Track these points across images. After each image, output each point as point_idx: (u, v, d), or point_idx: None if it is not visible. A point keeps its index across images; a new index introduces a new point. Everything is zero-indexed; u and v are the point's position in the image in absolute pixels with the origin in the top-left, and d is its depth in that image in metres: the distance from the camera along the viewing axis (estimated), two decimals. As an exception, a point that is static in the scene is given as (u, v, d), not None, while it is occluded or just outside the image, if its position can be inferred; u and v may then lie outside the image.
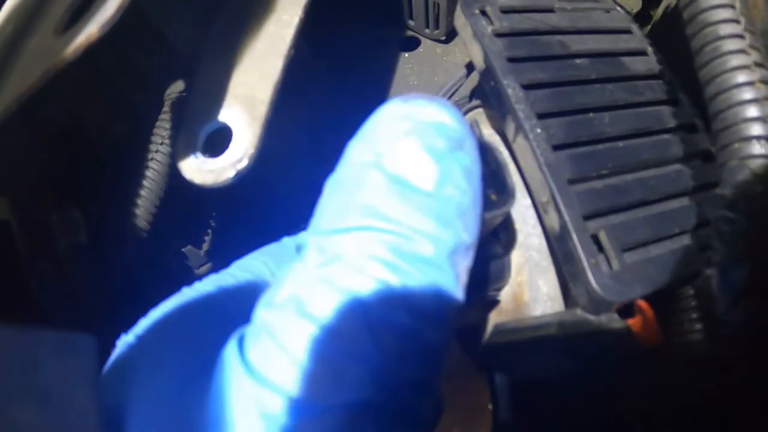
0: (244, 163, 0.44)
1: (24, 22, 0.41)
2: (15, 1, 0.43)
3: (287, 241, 0.43)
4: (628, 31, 0.57)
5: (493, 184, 0.40)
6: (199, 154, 0.45)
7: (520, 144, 0.47)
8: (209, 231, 0.81)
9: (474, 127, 0.45)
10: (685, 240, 0.44)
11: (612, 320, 0.40)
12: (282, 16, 0.48)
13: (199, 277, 0.83)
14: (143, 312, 0.74)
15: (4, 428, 0.27)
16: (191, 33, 0.57)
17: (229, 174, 0.44)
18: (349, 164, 0.32)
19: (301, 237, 0.32)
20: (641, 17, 0.78)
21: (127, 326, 0.70)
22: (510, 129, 0.48)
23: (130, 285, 0.70)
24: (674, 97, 0.52)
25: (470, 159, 0.32)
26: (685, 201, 0.46)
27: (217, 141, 0.45)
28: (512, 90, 0.47)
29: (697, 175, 0.47)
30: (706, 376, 0.38)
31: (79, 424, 0.30)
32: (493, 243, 0.46)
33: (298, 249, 0.31)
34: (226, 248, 0.83)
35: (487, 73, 0.50)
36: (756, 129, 0.37)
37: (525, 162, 0.47)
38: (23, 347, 0.30)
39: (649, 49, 0.56)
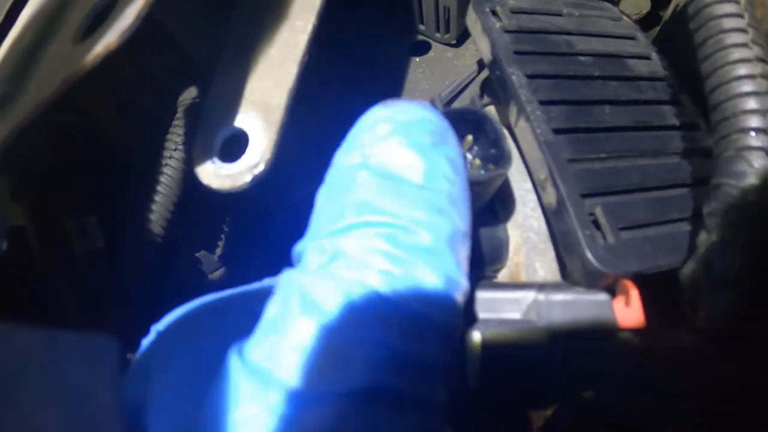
0: (261, 168, 0.44)
1: (43, 29, 0.42)
2: (34, 8, 0.43)
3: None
4: (633, 38, 0.58)
5: (492, 151, 0.41)
6: (216, 159, 0.45)
7: (521, 127, 0.48)
8: (222, 236, 0.81)
9: (475, 101, 0.46)
10: (685, 226, 0.44)
11: (593, 291, 0.41)
12: (295, 23, 0.49)
13: (213, 282, 0.84)
14: (158, 317, 0.74)
15: (29, 430, 0.28)
16: (204, 40, 0.58)
17: (246, 179, 0.44)
18: (338, 169, 0.34)
19: (299, 245, 0.33)
20: (651, 18, 0.78)
21: (142, 331, 0.71)
22: (512, 114, 0.49)
23: (145, 290, 0.71)
24: (676, 98, 0.53)
25: (454, 151, 0.33)
26: (685, 191, 0.47)
27: (234, 146, 0.46)
28: (516, 77, 0.49)
29: (697, 169, 0.48)
30: (682, 366, 0.38)
31: (102, 424, 0.30)
32: (490, 215, 0.46)
33: (297, 258, 0.32)
34: (240, 253, 0.83)
35: (494, 64, 0.52)
36: (754, 121, 0.37)
37: (525, 143, 0.48)
38: (47, 349, 0.30)
39: (654, 55, 0.57)
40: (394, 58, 0.77)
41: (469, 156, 0.41)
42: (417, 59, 0.76)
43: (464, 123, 0.41)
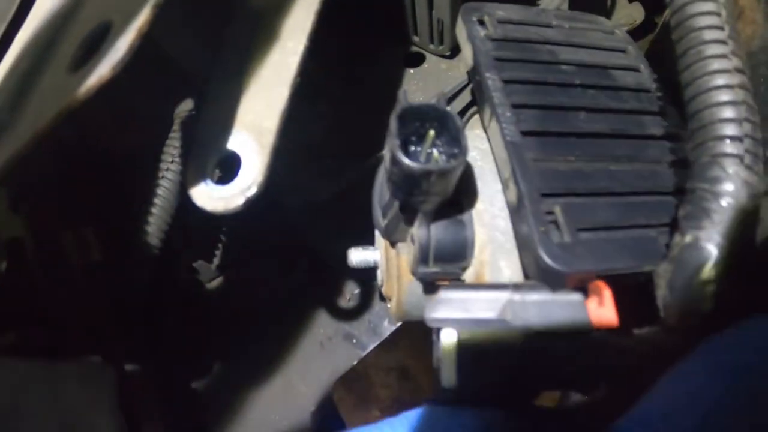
0: (253, 190, 0.45)
1: (37, 58, 0.42)
2: (27, 36, 0.44)
3: None
4: (623, 51, 0.58)
5: (452, 146, 0.41)
6: (209, 182, 0.46)
7: (492, 128, 0.48)
8: (220, 245, 0.82)
9: (440, 98, 0.47)
10: (652, 233, 0.44)
11: (566, 291, 0.41)
12: (287, 44, 0.49)
13: (211, 291, 0.85)
14: (156, 327, 0.75)
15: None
16: (198, 56, 0.59)
17: (239, 201, 0.45)
18: None
19: None
20: (647, 26, 0.78)
21: (139, 342, 0.72)
22: (486, 116, 0.49)
23: (143, 300, 0.71)
24: (661, 109, 0.53)
25: None
26: (657, 198, 0.47)
27: (227, 167, 0.46)
28: (492, 81, 0.49)
29: (673, 179, 0.48)
30: (654, 363, 0.39)
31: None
32: (455, 209, 0.47)
33: None
34: (237, 262, 0.84)
35: (474, 70, 0.52)
36: (729, 129, 0.38)
37: (494, 143, 0.48)
38: (47, 380, 0.31)
39: (643, 67, 0.57)
40: (388, 69, 0.77)
41: (432, 151, 0.42)
42: (411, 71, 0.77)
43: (427, 119, 0.42)
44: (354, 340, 0.78)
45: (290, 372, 0.79)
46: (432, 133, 0.41)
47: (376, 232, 0.57)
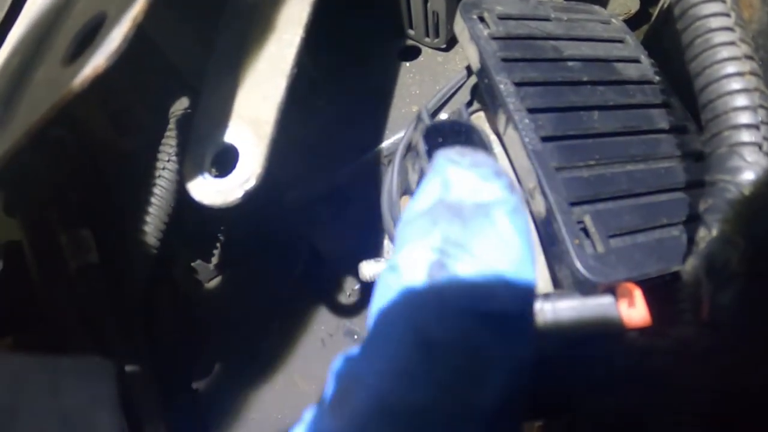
0: (252, 183, 0.44)
1: (30, 52, 0.42)
2: (21, 31, 0.43)
3: None
4: (622, 41, 0.58)
5: None
6: (206, 175, 0.45)
7: (510, 135, 0.48)
8: (218, 244, 0.81)
9: (462, 111, 0.46)
10: (675, 231, 0.45)
11: (596, 295, 0.41)
12: (283, 36, 0.49)
13: (210, 291, 0.84)
14: (154, 327, 0.74)
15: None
16: (193, 52, 0.58)
17: (237, 194, 0.44)
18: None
19: None
20: (641, 16, 0.78)
21: (139, 342, 0.71)
22: (501, 122, 0.49)
23: (141, 301, 0.71)
24: (666, 101, 0.54)
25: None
26: (674, 195, 0.47)
27: (225, 161, 0.46)
28: (504, 85, 0.49)
29: (687, 173, 0.48)
30: (689, 362, 0.38)
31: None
32: None
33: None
34: (235, 261, 0.84)
35: (482, 72, 0.52)
36: (745, 117, 0.38)
37: (514, 152, 0.48)
38: (46, 375, 0.30)
39: (643, 57, 0.57)
40: (383, 63, 0.77)
41: None
42: (407, 64, 0.76)
43: (452, 134, 0.41)
44: (355, 336, 0.78)
45: (292, 370, 0.79)
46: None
47: (386, 241, 0.56)
